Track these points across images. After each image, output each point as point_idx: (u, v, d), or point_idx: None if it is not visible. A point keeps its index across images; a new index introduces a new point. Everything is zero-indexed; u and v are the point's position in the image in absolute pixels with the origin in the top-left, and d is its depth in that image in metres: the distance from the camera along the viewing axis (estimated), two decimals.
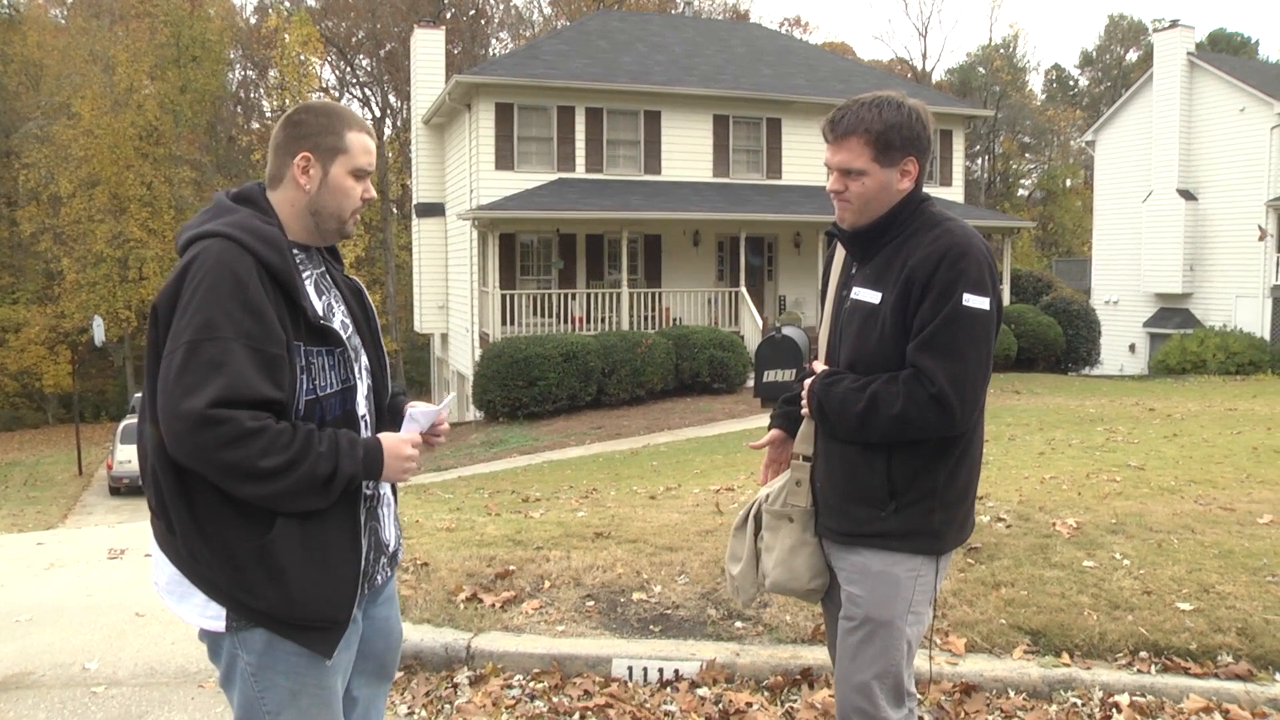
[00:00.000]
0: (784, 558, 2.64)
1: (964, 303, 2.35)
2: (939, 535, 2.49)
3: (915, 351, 2.38)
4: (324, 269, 2.32)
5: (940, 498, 2.47)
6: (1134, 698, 3.69)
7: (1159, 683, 3.77)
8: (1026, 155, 62.81)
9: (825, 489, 2.57)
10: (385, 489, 2.36)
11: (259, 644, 2.11)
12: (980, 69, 61.03)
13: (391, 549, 2.40)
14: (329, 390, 2.16)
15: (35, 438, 38.59)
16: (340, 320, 2.26)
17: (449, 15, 49.82)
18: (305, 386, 2.10)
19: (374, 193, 2.32)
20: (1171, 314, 30.38)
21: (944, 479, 2.46)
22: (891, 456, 2.45)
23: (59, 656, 4.56)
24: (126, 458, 22.96)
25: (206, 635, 2.16)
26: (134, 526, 8.02)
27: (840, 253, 2.70)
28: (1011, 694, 3.78)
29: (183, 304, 1.98)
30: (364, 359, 2.30)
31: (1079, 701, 3.72)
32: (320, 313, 2.17)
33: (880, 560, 2.48)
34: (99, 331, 28.19)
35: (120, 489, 23.19)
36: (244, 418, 1.92)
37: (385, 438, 2.18)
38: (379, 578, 2.34)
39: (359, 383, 2.26)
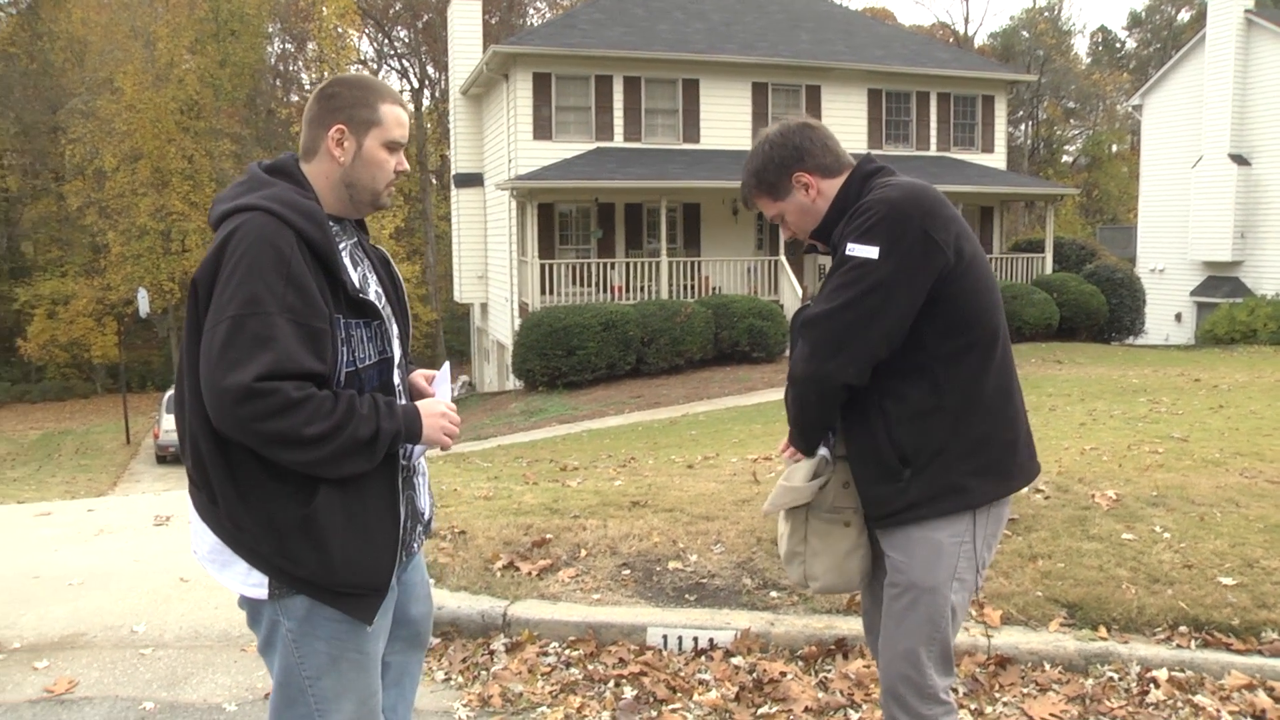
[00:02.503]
0: (838, 563, 2.62)
1: (846, 252, 2.37)
2: (967, 489, 2.44)
3: None
4: (356, 240, 2.34)
5: (955, 451, 2.43)
6: (1173, 673, 3.67)
7: (1199, 658, 3.73)
8: (1071, 121, 61.68)
9: (856, 480, 2.58)
10: (420, 459, 2.39)
11: (300, 610, 2.15)
12: (1024, 33, 59.90)
13: (426, 517, 2.44)
14: (368, 362, 2.19)
15: (85, 407, 39.34)
16: (374, 291, 2.28)
17: None
18: (345, 359, 2.12)
19: (406, 165, 2.33)
20: (1220, 282, 29.80)
21: (949, 432, 2.42)
22: (889, 423, 2.44)
23: (109, 619, 4.68)
24: (172, 427, 23.36)
25: (247, 602, 2.21)
26: (179, 494, 8.14)
27: None
28: (1047, 667, 3.76)
29: (224, 278, 1.99)
30: (395, 328, 2.32)
31: (1116, 676, 3.70)
32: (358, 285, 2.20)
33: (921, 528, 2.47)
34: (144, 303, 28.57)
35: (166, 457, 23.61)
36: (289, 388, 1.95)
37: (420, 402, 2.25)
38: (415, 545, 2.39)
39: (394, 353, 2.28)
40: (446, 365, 2.49)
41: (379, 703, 2.31)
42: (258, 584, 2.13)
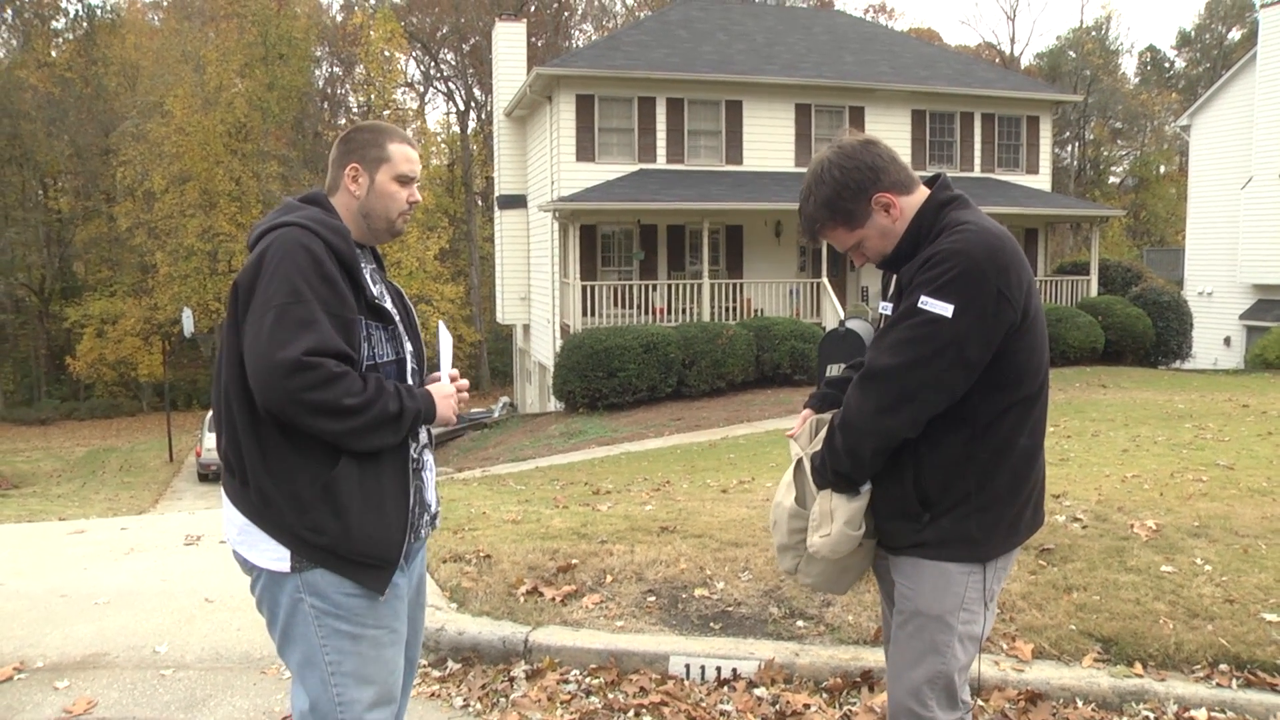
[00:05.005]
0: (835, 575, 2.58)
1: (919, 304, 2.27)
2: (978, 542, 2.40)
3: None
4: (375, 265, 2.63)
5: (975, 503, 2.38)
6: (1212, 713, 3.52)
7: (1241, 699, 3.58)
8: (1118, 141, 60.91)
9: (873, 509, 2.53)
10: (428, 456, 2.62)
11: (320, 585, 2.35)
12: (1070, 53, 59.31)
13: (433, 510, 2.65)
14: (386, 359, 2.45)
15: (131, 425, 39.95)
16: (390, 306, 2.54)
17: (532, 9, 50.11)
18: (366, 354, 2.38)
19: (419, 196, 2.61)
20: (1271, 306, 29.14)
21: (975, 483, 2.37)
22: (918, 466, 2.39)
23: (132, 639, 4.69)
24: (214, 445, 23.59)
25: (270, 584, 2.39)
26: (212, 513, 8.20)
27: None
28: (1080, 704, 3.63)
29: (266, 277, 2.25)
30: (409, 346, 2.56)
31: (1151, 715, 3.56)
32: (377, 294, 2.48)
33: (931, 561, 2.43)
34: (188, 322, 29.00)
35: (208, 475, 23.84)
36: (331, 364, 2.22)
37: (430, 386, 2.54)
38: (422, 531, 2.59)
39: (408, 357, 2.54)
40: (442, 327, 2.73)
41: (398, 683, 2.50)
42: (281, 559, 2.34)
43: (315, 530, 2.30)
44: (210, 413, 25.47)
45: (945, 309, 2.24)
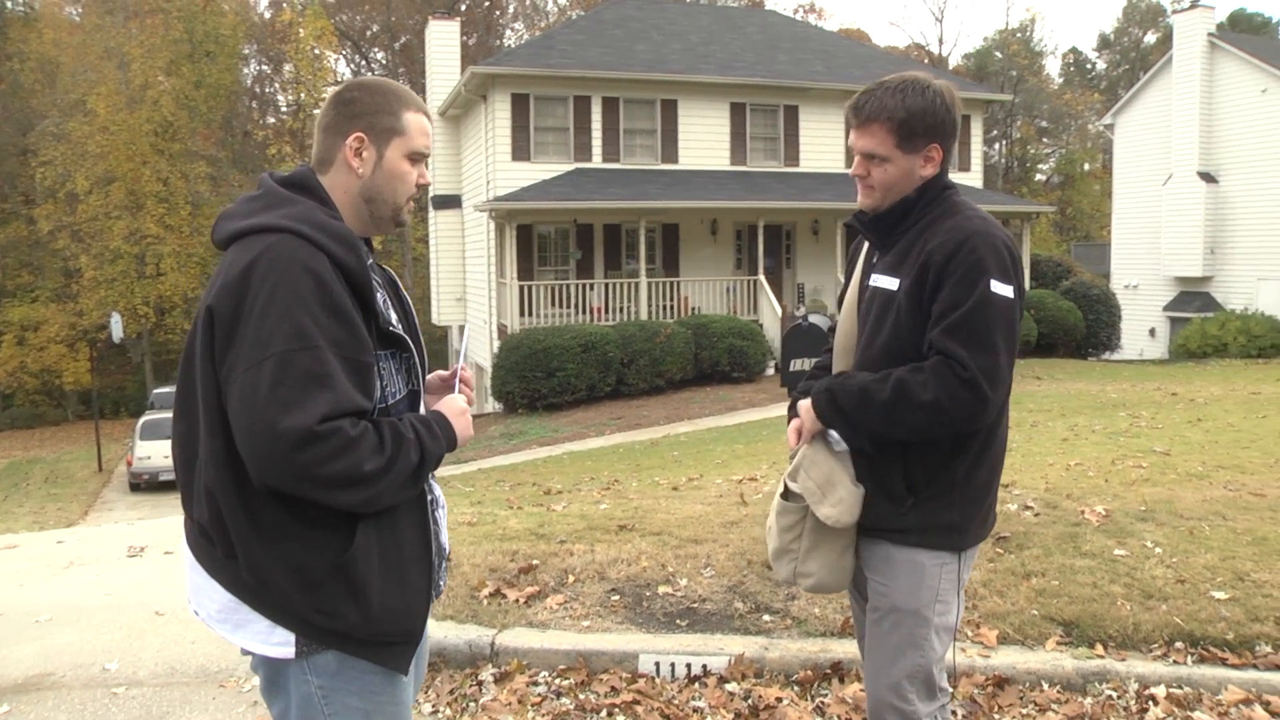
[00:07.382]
0: (833, 561, 2.52)
1: (991, 289, 2.27)
2: (959, 530, 2.43)
3: (943, 337, 2.26)
4: (372, 261, 2.11)
5: (960, 493, 2.40)
6: (1170, 689, 3.63)
7: (1195, 674, 3.70)
8: (1044, 140, 62.25)
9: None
10: (439, 492, 2.21)
11: (332, 665, 1.95)
12: (997, 54, 60.52)
13: (446, 552, 2.25)
14: (399, 396, 2.03)
15: (56, 435, 38.81)
16: (395, 319, 2.06)
17: (464, 7, 49.75)
18: (377, 395, 1.95)
19: (428, 178, 2.16)
20: (1192, 297, 30.05)
21: (963, 474, 2.40)
22: (907, 452, 2.39)
23: (79, 657, 4.54)
24: (146, 454, 22.98)
25: (267, 665, 1.98)
26: (154, 524, 8.02)
27: (866, 245, 2.62)
28: (1045, 686, 3.71)
29: (257, 309, 1.77)
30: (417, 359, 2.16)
31: (1114, 694, 3.65)
32: (381, 304, 2.00)
33: (903, 550, 2.44)
34: (116, 328, 28.31)
35: (140, 485, 23.22)
36: (346, 426, 1.78)
37: (440, 406, 2.08)
38: (441, 583, 2.20)
39: (421, 387, 2.12)
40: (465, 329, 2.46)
41: None
42: (283, 642, 1.91)
43: (327, 614, 1.88)
44: (143, 419, 24.81)
45: (1009, 291, 2.29)
